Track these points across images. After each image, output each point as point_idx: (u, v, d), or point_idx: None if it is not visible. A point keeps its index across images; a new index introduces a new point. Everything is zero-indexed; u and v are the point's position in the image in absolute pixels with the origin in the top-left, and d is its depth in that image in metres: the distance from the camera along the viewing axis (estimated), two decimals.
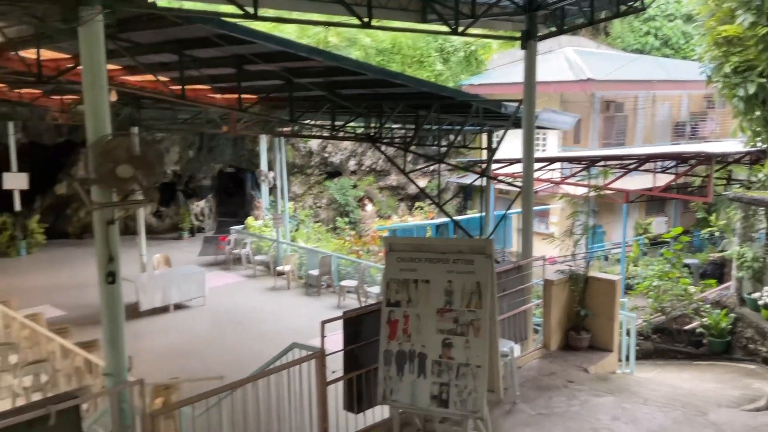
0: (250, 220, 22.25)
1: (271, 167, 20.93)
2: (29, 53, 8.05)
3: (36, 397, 8.76)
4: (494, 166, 14.56)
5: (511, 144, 10.00)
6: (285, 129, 18.39)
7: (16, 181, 20.21)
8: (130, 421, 5.07)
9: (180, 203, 25.00)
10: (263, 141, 21.09)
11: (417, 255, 6.25)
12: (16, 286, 16.32)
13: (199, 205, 25.57)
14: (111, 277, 5.01)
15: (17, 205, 20.81)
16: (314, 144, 25.14)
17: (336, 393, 6.31)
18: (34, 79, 8.25)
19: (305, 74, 8.92)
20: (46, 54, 8.58)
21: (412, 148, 11.35)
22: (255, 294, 17.01)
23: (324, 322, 6.17)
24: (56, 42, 7.90)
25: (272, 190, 21.37)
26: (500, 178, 11.93)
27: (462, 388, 5.81)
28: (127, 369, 5.41)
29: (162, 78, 9.20)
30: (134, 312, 14.27)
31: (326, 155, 25.45)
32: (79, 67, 8.41)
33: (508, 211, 12.44)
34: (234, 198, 28.55)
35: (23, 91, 14.60)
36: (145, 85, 10.68)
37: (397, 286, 6.27)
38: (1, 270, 18.71)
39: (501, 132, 12.72)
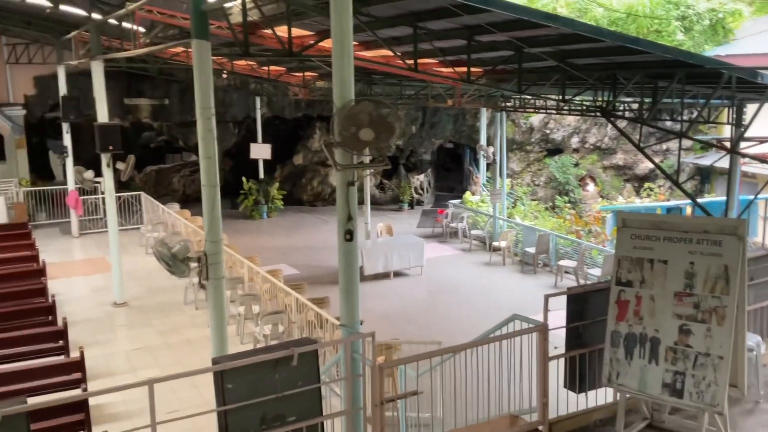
0: (467, 194, 22.49)
1: (490, 143, 20.89)
2: (279, 30, 8.79)
3: (273, 344, 9.67)
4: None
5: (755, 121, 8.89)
6: (507, 104, 18.19)
7: (261, 151, 22.51)
8: (361, 371, 5.39)
9: (401, 176, 26.03)
10: (483, 117, 21.08)
11: (654, 233, 5.82)
12: (258, 245, 18.22)
13: (419, 179, 26.39)
14: (349, 234, 5.35)
15: (261, 173, 23.21)
16: (535, 120, 24.56)
17: (557, 369, 6.15)
18: (283, 55, 9.00)
19: (536, 43, 8.67)
20: (293, 32, 9.30)
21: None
22: (470, 267, 17.19)
23: (548, 297, 6.04)
24: (303, 19, 8.54)
25: (489, 166, 21.32)
26: (752, 157, 10.65)
27: (700, 379, 5.35)
28: (360, 322, 5.75)
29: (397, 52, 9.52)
30: (359, 276, 15.18)
31: (547, 131, 24.74)
32: (320, 43, 9.07)
33: (758, 195, 11.08)
34: (451, 173, 29.03)
35: (271, 68, 16.12)
36: (377, 59, 11.19)
37: (630, 264, 5.91)
38: (246, 230, 21.01)
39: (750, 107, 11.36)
